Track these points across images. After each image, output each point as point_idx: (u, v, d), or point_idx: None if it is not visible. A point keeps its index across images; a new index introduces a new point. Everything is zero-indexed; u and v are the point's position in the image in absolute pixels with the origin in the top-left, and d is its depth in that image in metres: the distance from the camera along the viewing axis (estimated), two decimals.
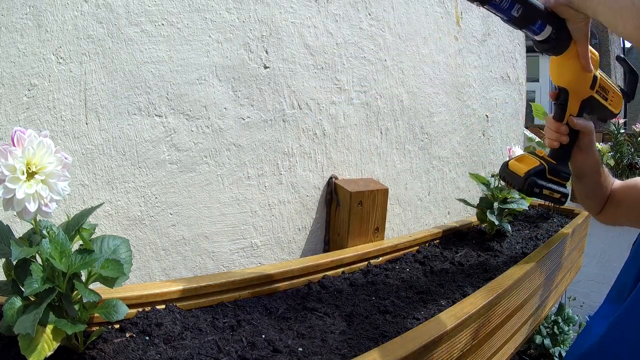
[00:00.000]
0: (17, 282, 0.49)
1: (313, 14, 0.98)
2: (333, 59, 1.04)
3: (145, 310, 0.63)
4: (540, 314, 1.11)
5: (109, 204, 0.72)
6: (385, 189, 1.07)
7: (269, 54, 0.91)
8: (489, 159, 1.73)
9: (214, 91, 0.83)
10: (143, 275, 0.77)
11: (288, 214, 0.98)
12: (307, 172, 1.01)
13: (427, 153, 1.37)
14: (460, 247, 1.17)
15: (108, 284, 0.51)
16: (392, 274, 0.94)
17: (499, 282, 0.84)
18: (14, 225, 0.56)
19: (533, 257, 1.02)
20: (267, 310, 0.72)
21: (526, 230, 1.40)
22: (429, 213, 1.41)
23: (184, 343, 0.58)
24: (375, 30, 1.13)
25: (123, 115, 0.72)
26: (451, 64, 1.43)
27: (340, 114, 1.07)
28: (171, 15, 0.76)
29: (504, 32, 1.75)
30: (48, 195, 0.46)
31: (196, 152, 0.82)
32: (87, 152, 0.69)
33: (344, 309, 0.75)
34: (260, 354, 0.58)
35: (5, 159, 0.44)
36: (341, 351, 0.61)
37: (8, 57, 0.61)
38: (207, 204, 0.84)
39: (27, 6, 0.61)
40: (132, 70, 0.72)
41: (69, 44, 0.66)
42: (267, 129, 0.92)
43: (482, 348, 0.78)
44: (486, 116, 1.67)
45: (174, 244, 0.80)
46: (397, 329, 0.70)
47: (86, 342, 0.53)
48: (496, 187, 1.25)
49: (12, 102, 0.62)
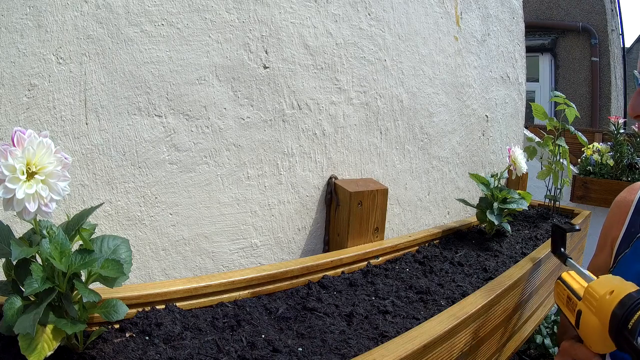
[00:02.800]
0: (17, 282, 0.49)
1: (313, 14, 0.98)
2: (333, 59, 1.04)
3: (145, 310, 0.63)
4: (540, 314, 1.11)
5: (108, 204, 0.72)
6: (385, 189, 1.07)
7: (269, 54, 0.91)
8: (488, 159, 1.74)
9: (213, 91, 0.83)
10: (143, 275, 0.77)
11: (288, 214, 0.98)
12: (307, 172, 1.01)
13: (426, 153, 1.37)
14: (460, 247, 1.17)
15: (108, 284, 0.51)
16: (392, 274, 0.94)
17: (498, 282, 0.84)
18: (14, 225, 0.56)
19: (533, 257, 1.02)
20: (267, 310, 0.72)
21: (526, 230, 1.40)
22: (428, 213, 1.41)
23: (184, 343, 0.58)
24: (375, 30, 1.14)
25: (123, 116, 0.72)
26: (451, 64, 1.43)
27: (339, 114, 1.07)
28: (171, 16, 0.76)
29: (504, 32, 1.75)
30: (48, 195, 0.46)
31: (196, 152, 0.82)
32: (87, 152, 0.69)
33: (344, 309, 0.75)
34: (260, 354, 0.58)
35: (5, 159, 0.44)
36: (341, 351, 0.61)
37: (8, 58, 0.61)
38: (207, 204, 0.84)
39: (27, 6, 0.61)
40: (132, 70, 0.72)
41: (69, 44, 0.66)
42: (266, 129, 0.92)
43: (482, 348, 0.78)
44: (486, 116, 1.67)
45: (174, 244, 0.80)
46: (397, 329, 0.70)
47: (86, 342, 0.53)
48: (496, 187, 1.25)
49: (12, 102, 0.62)
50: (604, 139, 3.77)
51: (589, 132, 4.08)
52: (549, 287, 1.14)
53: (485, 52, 1.62)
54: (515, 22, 1.86)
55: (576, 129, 1.53)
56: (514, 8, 1.84)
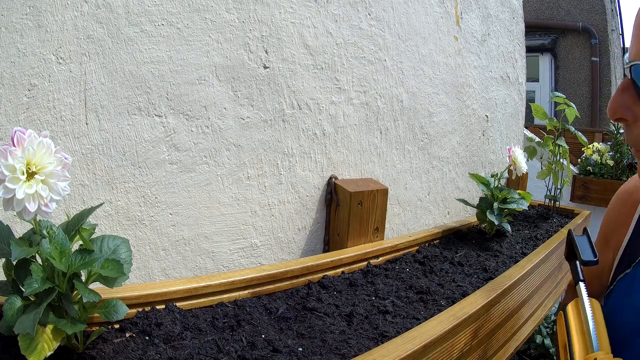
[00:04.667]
0: (17, 282, 0.49)
1: (313, 14, 0.98)
2: (333, 59, 1.04)
3: (145, 310, 0.63)
4: (540, 314, 1.11)
5: (109, 204, 0.72)
6: (385, 189, 1.07)
7: (269, 54, 0.91)
8: (488, 159, 1.73)
9: (213, 91, 0.83)
10: (143, 275, 0.77)
11: (288, 214, 0.98)
12: (307, 172, 1.01)
13: (426, 153, 1.37)
14: (460, 247, 1.17)
15: (108, 284, 0.51)
16: (392, 274, 0.94)
17: (498, 282, 0.84)
18: (14, 225, 0.56)
19: (533, 257, 1.02)
20: (267, 310, 0.72)
21: (526, 230, 1.40)
22: (428, 213, 1.41)
23: (184, 343, 0.58)
24: (375, 30, 1.14)
25: (123, 115, 0.72)
26: (451, 64, 1.43)
27: (340, 114, 1.07)
28: (171, 16, 0.76)
29: (504, 32, 1.75)
30: (48, 195, 0.46)
31: (196, 152, 0.82)
32: (87, 152, 0.69)
33: (344, 309, 0.75)
34: (260, 354, 0.58)
35: (5, 159, 0.44)
36: (341, 351, 0.61)
37: (8, 57, 0.61)
38: (207, 204, 0.84)
39: (27, 6, 0.61)
40: (132, 70, 0.72)
41: (69, 44, 0.66)
42: (266, 129, 0.92)
43: (482, 348, 0.78)
44: (486, 116, 1.67)
45: (174, 244, 0.80)
46: (397, 329, 0.70)
47: (86, 342, 0.53)
48: (496, 187, 1.25)
49: (12, 102, 0.62)
50: (604, 139, 3.78)
51: (589, 132, 4.08)
52: (548, 287, 1.14)
53: (485, 52, 1.62)
54: (515, 22, 1.86)
55: (576, 129, 1.53)
56: (514, 8, 1.84)
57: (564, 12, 6.94)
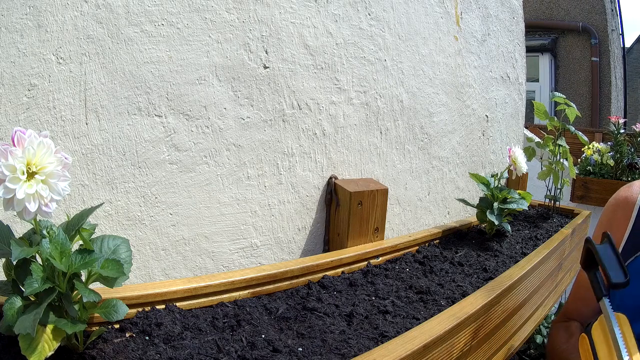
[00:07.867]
0: (17, 282, 0.49)
1: (313, 14, 0.98)
2: (333, 59, 1.04)
3: (145, 310, 0.63)
4: (540, 314, 1.11)
5: (109, 204, 0.72)
6: (385, 189, 1.07)
7: (269, 54, 0.91)
8: (488, 159, 1.74)
9: (213, 91, 0.83)
10: (143, 275, 0.77)
11: (288, 214, 0.98)
12: (307, 172, 1.01)
13: (426, 153, 1.37)
14: (460, 247, 1.17)
15: (108, 284, 0.51)
16: (392, 274, 0.94)
17: (498, 282, 0.84)
18: (14, 225, 0.56)
19: (533, 257, 1.02)
20: (267, 310, 0.72)
21: (526, 230, 1.40)
22: (428, 213, 1.41)
23: (184, 343, 0.58)
24: (375, 30, 1.14)
25: (123, 116, 0.72)
26: (451, 64, 1.43)
27: (339, 114, 1.07)
28: (171, 15, 0.76)
29: (504, 32, 1.75)
30: (48, 195, 0.46)
31: (196, 152, 0.82)
32: (87, 152, 0.69)
33: (344, 309, 0.75)
34: (260, 354, 0.58)
35: (6, 159, 0.44)
36: (341, 351, 0.61)
37: (8, 57, 0.61)
38: (207, 204, 0.84)
39: (27, 6, 0.61)
40: (132, 70, 0.72)
41: (69, 44, 0.66)
42: (266, 129, 0.92)
43: (482, 348, 0.78)
44: (486, 116, 1.67)
45: (174, 243, 0.80)
46: (397, 329, 0.70)
47: (86, 342, 0.53)
48: (496, 187, 1.25)
49: (12, 102, 0.62)
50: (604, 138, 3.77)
51: (589, 132, 4.08)
52: (549, 287, 1.14)
53: (485, 52, 1.62)
54: (515, 22, 1.86)
55: (576, 128, 1.53)
56: (514, 8, 1.84)
57: (563, 12, 6.95)
